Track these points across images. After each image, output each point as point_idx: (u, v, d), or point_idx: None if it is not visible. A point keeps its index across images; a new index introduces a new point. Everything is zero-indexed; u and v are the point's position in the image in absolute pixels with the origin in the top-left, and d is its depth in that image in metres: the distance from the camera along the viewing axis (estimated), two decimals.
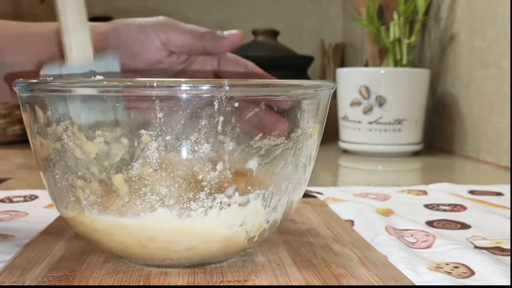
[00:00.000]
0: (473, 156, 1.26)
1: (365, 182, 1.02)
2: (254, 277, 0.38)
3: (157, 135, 0.35)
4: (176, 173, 0.35)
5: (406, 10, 1.36)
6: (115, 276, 0.39)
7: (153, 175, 0.35)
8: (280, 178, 0.39)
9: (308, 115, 0.40)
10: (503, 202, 0.73)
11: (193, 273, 0.39)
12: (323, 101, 0.42)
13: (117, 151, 0.36)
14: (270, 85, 0.37)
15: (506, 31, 1.11)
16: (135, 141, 0.35)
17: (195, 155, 0.35)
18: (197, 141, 0.35)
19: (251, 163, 0.37)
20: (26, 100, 0.39)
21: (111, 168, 0.36)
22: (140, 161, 0.35)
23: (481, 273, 0.43)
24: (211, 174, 0.36)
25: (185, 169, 0.35)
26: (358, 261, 0.42)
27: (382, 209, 0.66)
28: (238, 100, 0.35)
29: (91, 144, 0.36)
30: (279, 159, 0.38)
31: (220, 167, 0.36)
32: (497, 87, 1.16)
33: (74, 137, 0.36)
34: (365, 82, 1.32)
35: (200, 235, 0.37)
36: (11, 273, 0.40)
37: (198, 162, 0.35)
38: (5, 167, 1.12)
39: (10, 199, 0.74)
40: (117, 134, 0.36)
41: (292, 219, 0.55)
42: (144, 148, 0.35)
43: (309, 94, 0.39)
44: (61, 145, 0.37)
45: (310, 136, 0.41)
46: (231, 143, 0.36)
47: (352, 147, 1.37)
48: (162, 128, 0.35)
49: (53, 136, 0.37)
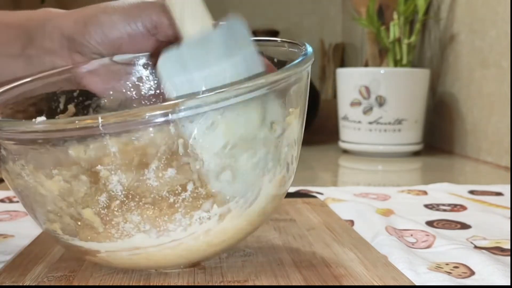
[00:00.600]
0: (473, 156, 1.26)
1: (365, 182, 1.02)
2: (254, 277, 0.38)
3: (116, 168, 0.33)
4: (145, 201, 0.34)
5: (406, 10, 1.36)
6: (115, 276, 0.39)
7: (122, 206, 0.34)
8: (262, 176, 0.36)
9: (287, 105, 0.37)
10: (503, 202, 0.73)
11: (193, 273, 0.39)
12: (301, 83, 0.38)
13: (79, 188, 0.34)
14: (225, 92, 0.32)
15: (506, 31, 1.11)
16: (93, 178, 0.33)
17: (161, 181, 0.33)
18: (159, 168, 0.33)
19: (224, 175, 0.34)
20: None
21: (78, 204, 0.34)
22: (104, 195, 0.33)
23: (481, 273, 0.43)
24: (183, 195, 0.34)
25: (153, 196, 0.33)
26: (358, 261, 0.42)
27: (382, 209, 0.66)
28: (193, 117, 0.32)
29: (51, 183, 0.34)
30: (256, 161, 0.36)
31: (191, 187, 0.34)
32: (497, 87, 1.16)
33: (33, 175, 0.34)
34: (365, 82, 1.32)
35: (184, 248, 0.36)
36: (11, 273, 0.40)
37: (166, 186, 0.33)
38: None
39: (10, 199, 0.74)
40: (74, 172, 0.34)
41: (292, 219, 0.55)
42: (106, 182, 0.33)
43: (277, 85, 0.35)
44: (24, 182, 0.35)
45: (288, 124, 0.37)
46: (197, 162, 0.33)
47: (352, 147, 1.37)
48: (118, 161, 0.33)
49: (13, 173, 0.36)
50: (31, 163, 0.34)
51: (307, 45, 0.40)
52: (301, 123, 0.40)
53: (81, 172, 0.33)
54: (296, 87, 0.37)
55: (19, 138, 0.34)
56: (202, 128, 0.33)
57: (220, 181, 0.34)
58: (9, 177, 0.36)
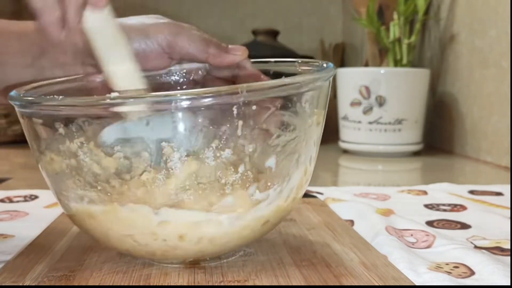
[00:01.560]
0: (473, 156, 1.26)
1: (365, 182, 1.02)
2: (254, 277, 0.38)
3: (179, 146, 0.35)
4: (200, 180, 0.36)
5: (406, 10, 1.36)
6: (115, 276, 0.39)
7: (177, 184, 0.36)
8: (295, 169, 0.40)
9: (314, 104, 0.41)
10: (503, 202, 0.73)
11: (193, 273, 0.39)
12: (325, 88, 0.43)
13: (139, 165, 0.36)
14: (282, 85, 0.37)
15: (506, 31, 1.11)
16: (156, 154, 0.35)
17: (218, 161, 0.36)
18: (219, 148, 0.36)
19: (270, 161, 0.38)
20: (28, 114, 0.38)
21: (134, 180, 0.36)
22: (164, 172, 0.35)
23: (481, 273, 0.43)
24: (233, 177, 0.36)
25: (208, 175, 0.36)
26: (358, 261, 0.42)
27: (382, 209, 0.66)
28: (255, 103, 0.36)
29: (110, 160, 0.36)
30: (294, 152, 0.39)
31: (242, 169, 0.37)
32: (497, 87, 1.16)
33: (91, 153, 0.36)
34: (365, 82, 1.32)
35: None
36: (11, 273, 0.40)
37: (221, 167, 0.36)
38: (5, 167, 1.12)
39: (10, 199, 0.74)
40: (138, 149, 0.35)
41: (292, 219, 0.55)
42: (167, 159, 0.35)
43: (316, 85, 0.40)
44: (77, 161, 0.36)
45: (317, 123, 0.42)
46: (250, 145, 0.36)
47: (352, 147, 1.37)
48: (183, 139, 0.35)
49: (67, 153, 0.37)
50: (92, 140, 0.36)
51: (329, 63, 0.44)
52: (321, 127, 0.43)
53: (144, 149, 0.35)
54: (320, 92, 0.42)
55: (88, 112, 0.36)
56: (260, 116, 0.36)
57: (265, 166, 0.38)
58: (57, 158, 0.37)
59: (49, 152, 0.38)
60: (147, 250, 0.39)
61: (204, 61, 0.47)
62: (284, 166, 0.39)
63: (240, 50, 0.46)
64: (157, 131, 0.36)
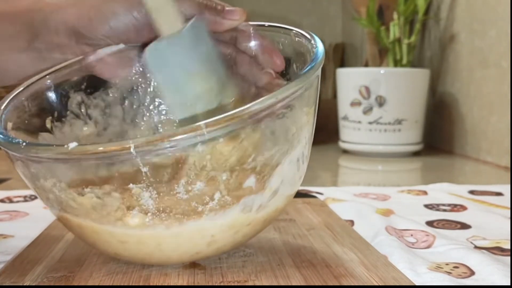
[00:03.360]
0: (473, 156, 1.26)
1: (365, 182, 1.02)
2: (254, 278, 0.38)
3: (147, 186, 0.35)
4: (176, 211, 0.36)
5: (406, 10, 1.36)
6: (115, 276, 0.39)
7: (153, 217, 0.36)
8: (280, 177, 0.39)
9: (300, 106, 0.39)
10: (503, 202, 0.73)
11: (193, 273, 0.39)
12: (315, 84, 0.40)
13: (112, 203, 0.36)
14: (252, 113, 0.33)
15: (506, 31, 1.11)
16: (125, 194, 0.35)
17: (190, 194, 0.35)
18: (188, 183, 0.35)
19: (248, 181, 0.37)
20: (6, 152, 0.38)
21: (110, 216, 0.36)
22: (137, 209, 0.36)
23: (481, 273, 0.43)
24: (210, 204, 0.36)
25: (183, 207, 0.36)
26: (358, 261, 0.42)
27: (382, 209, 0.66)
28: (222, 136, 0.34)
29: (84, 199, 0.36)
30: (277, 164, 0.38)
31: (218, 196, 0.36)
32: (497, 87, 1.16)
33: (65, 192, 0.36)
34: (365, 82, 1.32)
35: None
36: (11, 273, 0.40)
37: (195, 199, 0.36)
38: (5, 167, 1.12)
39: (10, 199, 0.74)
40: (107, 190, 0.36)
41: (292, 219, 0.55)
42: (138, 198, 0.35)
43: (299, 93, 0.37)
44: (55, 196, 0.37)
45: (307, 122, 0.40)
46: (224, 174, 0.36)
47: (352, 147, 1.37)
48: (150, 180, 0.35)
49: (44, 189, 0.37)
50: (63, 182, 0.36)
51: (317, 40, 0.42)
52: (312, 124, 0.42)
53: (113, 190, 0.36)
54: (309, 91, 0.39)
55: (50, 161, 0.35)
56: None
57: (245, 186, 0.37)
58: (39, 191, 0.38)
59: (33, 184, 0.38)
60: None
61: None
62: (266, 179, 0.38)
63: (237, 13, 0.44)
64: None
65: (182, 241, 0.37)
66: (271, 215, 0.40)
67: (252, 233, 0.40)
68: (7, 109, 0.41)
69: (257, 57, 0.45)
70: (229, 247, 0.40)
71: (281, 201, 0.40)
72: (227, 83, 0.43)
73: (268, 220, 0.41)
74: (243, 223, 0.38)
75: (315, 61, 0.39)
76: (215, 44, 0.43)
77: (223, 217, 0.37)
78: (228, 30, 0.44)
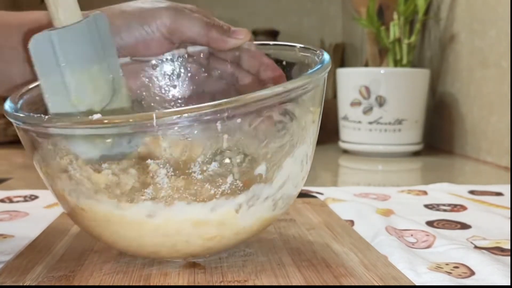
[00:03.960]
0: (473, 156, 1.26)
1: (365, 182, 1.02)
2: (254, 277, 0.38)
3: (164, 163, 0.35)
4: (189, 192, 0.36)
5: (406, 10, 1.36)
6: (115, 276, 0.39)
7: (166, 197, 0.36)
8: (287, 171, 0.39)
9: (307, 104, 0.40)
10: (503, 202, 0.73)
11: (193, 273, 0.39)
12: (321, 84, 0.41)
13: (127, 181, 0.36)
14: (268, 97, 0.35)
15: (506, 31, 1.11)
16: (143, 171, 0.35)
17: (204, 174, 0.36)
18: (204, 162, 0.36)
19: (259, 168, 0.37)
20: (22, 129, 0.38)
21: (123, 196, 0.36)
22: (151, 187, 0.36)
23: (481, 273, 0.43)
24: (222, 187, 0.36)
25: (196, 187, 0.36)
26: (358, 261, 0.42)
27: (382, 209, 0.66)
28: (240, 115, 0.35)
29: (99, 176, 0.36)
30: (286, 156, 0.39)
31: (230, 180, 0.36)
32: (497, 87, 1.16)
33: (81, 169, 0.36)
34: (365, 82, 1.32)
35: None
36: (11, 273, 0.40)
37: (208, 180, 0.36)
38: (5, 167, 1.12)
39: (10, 199, 0.74)
40: (124, 166, 0.36)
41: (292, 219, 0.55)
42: (153, 176, 0.35)
43: (307, 89, 0.39)
44: (68, 176, 0.37)
45: (312, 122, 0.41)
46: (238, 156, 0.36)
47: (352, 147, 1.37)
48: (168, 156, 0.35)
49: (58, 168, 0.37)
50: (80, 158, 0.36)
51: (323, 51, 0.43)
52: (317, 125, 0.42)
53: (130, 166, 0.36)
54: (315, 90, 0.40)
55: (72, 133, 0.35)
56: (246, 128, 0.36)
57: (256, 173, 0.37)
58: (50, 171, 0.38)
59: (43, 164, 0.38)
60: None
61: (205, 45, 0.46)
62: (276, 169, 0.38)
63: (242, 33, 0.45)
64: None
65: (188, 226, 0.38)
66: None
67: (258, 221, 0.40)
68: (21, 100, 0.42)
69: (259, 75, 0.46)
70: (233, 242, 0.40)
71: (283, 202, 0.41)
72: (119, 86, 0.43)
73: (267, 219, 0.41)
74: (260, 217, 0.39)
75: (323, 63, 0.40)
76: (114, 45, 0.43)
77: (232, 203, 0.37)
78: (232, 48, 0.46)
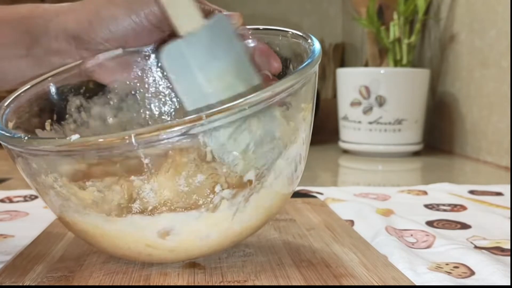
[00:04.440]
0: (473, 156, 1.26)
1: (365, 182, 1.02)
2: (254, 278, 0.38)
3: (148, 178, 0.35)
4: (177, 205, 0.36)
5: (406, 10, 1.36)
6: (115, 276, 0.39)
7: (154, 211, 0.36)
8: (278, 173, 0.39)
9: (301, 99, 0.39)
10: (503, 202, 0.73)
11: (193, 273, 0.39)
12: (312, 79, 0.40)
13: (112, 197, 0.36)
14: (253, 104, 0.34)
15: (506, 31, 1.11)
16: (127, 187, 0.35)
17: (191, 187, 0.35)
18: (189, 175, 0.35)
19: (249, 175, 0.37)
20: (6, 147, 0.37)
21: (112, 211, 0.36)
22: (138, 202, 0.35)
23: (481, 273, 0.43)
24: (211, 196, 0.36)
25: (184, 200, 0.36)
26: (358, 261, 0.42)
27: (382, 209, 0.66)
28: (224, 126, 0.34)
29: (85, 193, 0.36)
30: (276, 158, 0.38)
31: (219, 189, 0.36)
32: (497, 87, 1.16)
33: (66, 187, 0.36)
34: (365, 82, 1.32)
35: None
36: (11, 273, 0.40)
37: (195, 192, 0.35)
38: (5, 167, 1.12)
39: (10, 199, 0.74)
40: (108, 183, 0.35)
41: (292, 219, 0.55)
42: (139, 191, 0.35)
43: (293, 89, 0.37)
44: (55, 192, 0.37)
45: (303, 119, 0.40)
46: (224, 166, 0.36)
47: (352, 147, 1.37)
48: (151, 171, 0.34)
49: (45, 185, 0.37)
50: (64, 176, 0.36)
51: (314, 39, 0.42)
52: (309, 122, 0.41)
53: (114, 183, 0.35)
54: (306, 86, 0.39)
55: (52, 154, 0.35)
56: (226, 135, 0.35)
57: (245, 180, 0.37)
58: (39, 187, 0.38)
59: (31, 179, 0.38)
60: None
61: None
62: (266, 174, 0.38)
63: (234, 17, 0.44)
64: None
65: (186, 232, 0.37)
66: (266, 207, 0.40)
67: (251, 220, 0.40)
68: (8, 109, 0.41)
69: (254, 60, 0.45)
70: (229, 242, 0.40)
71: (276, 199, 0.40)
72: (252, 81, 0.41)
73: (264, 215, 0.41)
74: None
75: (312, 58, 0.39)
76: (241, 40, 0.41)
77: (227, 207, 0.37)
78: None
